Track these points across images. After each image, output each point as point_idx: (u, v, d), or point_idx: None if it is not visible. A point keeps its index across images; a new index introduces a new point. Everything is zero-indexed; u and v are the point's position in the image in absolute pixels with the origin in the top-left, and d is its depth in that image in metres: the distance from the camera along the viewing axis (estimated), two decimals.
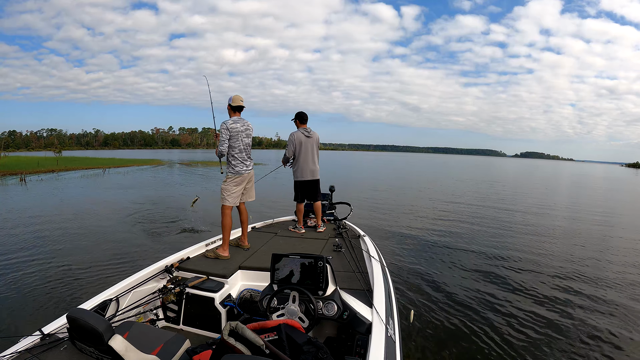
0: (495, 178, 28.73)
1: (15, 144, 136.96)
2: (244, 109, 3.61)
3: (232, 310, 2.59)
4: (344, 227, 4.30)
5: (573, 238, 8.13)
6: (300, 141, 4.36)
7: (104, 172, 24.06)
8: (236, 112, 3.58)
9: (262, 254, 3.35)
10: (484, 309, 4.15)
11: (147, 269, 2.67)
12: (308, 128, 4.44)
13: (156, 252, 5.77)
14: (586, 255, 6.62)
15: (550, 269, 5.67)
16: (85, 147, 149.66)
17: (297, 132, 4.38)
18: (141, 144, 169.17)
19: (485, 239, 7.65)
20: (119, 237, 7.03)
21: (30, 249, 6.13)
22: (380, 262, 2.96)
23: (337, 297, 2.03)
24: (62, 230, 7.55)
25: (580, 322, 3.87)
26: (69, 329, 1.64)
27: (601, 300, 4.47)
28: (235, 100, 3.54)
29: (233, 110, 3.56)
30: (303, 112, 4.47)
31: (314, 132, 4.44)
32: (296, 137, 4.35)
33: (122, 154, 70.50)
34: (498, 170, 42.99)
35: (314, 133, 4.44)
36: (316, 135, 4.47)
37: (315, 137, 4.47)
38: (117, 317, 2.22)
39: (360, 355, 1.81)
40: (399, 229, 8.44)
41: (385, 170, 36.66)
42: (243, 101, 3.59)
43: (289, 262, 2.06)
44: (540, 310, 4.14)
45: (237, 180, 3.52)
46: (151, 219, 8.85)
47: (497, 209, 12.09)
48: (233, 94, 3.60)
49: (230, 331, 1.37)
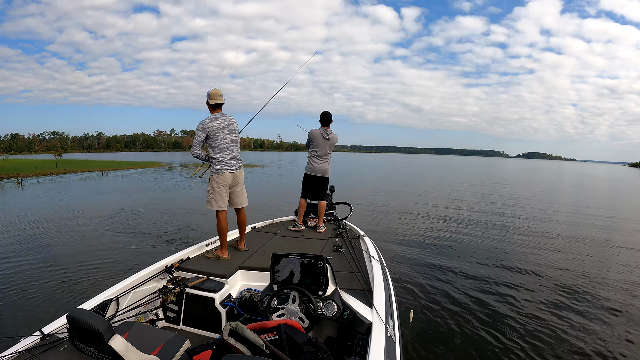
0: (498, 180, 28.53)
1: (18, 147, 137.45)
2: (222, 104, 3.31)
3: (232, 310, 2.59)
4: (344, 227, 4.30)
5: (576, 242, 8.08)
6: (317, 138, 4.50)
7: (102, 175, 24.03)
8: (216, 109, 3.30)
9: (262, 254, 3.35)
10: (484, 309, 4.14)
11: (147, 269, 2.68)
12: (329, 130, 4.55)
13: (156, 253, 5.77)
14: (590, 257, 6.59)
15: (551, 271, 5.64)
16: (88, 149, 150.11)
17: (316, 129, 4.54)
18: (143, 147, 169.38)
19: (486, 240, 7.63)
20: (118, 238, 7.05)
21: (30, 249, 6.15)
22: (380, 262, 2.96)
23: (337, 297, 2.03)
24: (59, 231, 7.56)
25: (581, 322, 3.85)
26: (69, 329, 1.64)
27: (603, 301, 4.45)
28: (212, 97, 3.25)
29: (212, 107, 3.29)
30: (327, 112, 4.56)
31: (334, 134, 4.56)
32: (314, 134, 4.51)
33: (123, 156, 70.67)
34: (501, 172, 42.65)
35: (333, 135, 4.55)
36: (335, 138, 4.58)
37: (333, 140, 4.58)
38: (117, 317, 2.22)
39: (360, 355, 1.81)
40: (400, 229, 8.43)
41: (388, 171, 36.61)
42: (222, 96, 3.29)
43: (289, 262, 2.06)
44: (540, 311, 4.12)
45: (218, 180, 3.25)
46: (147, 221, 8.85)
47: (499, 210, 12.06)
48: (211, 89, 3.28)
49: (230, 331, 1.36)
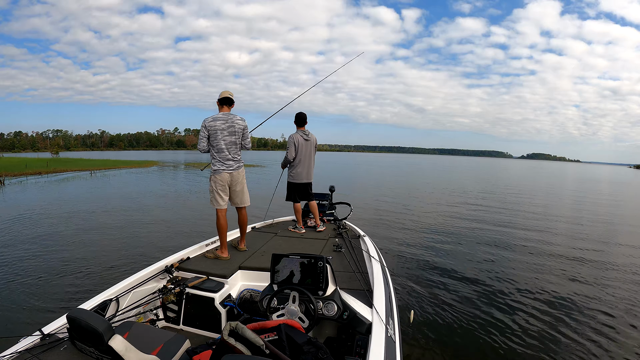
0: (509, 182, 27.87)
1: (21, 144, 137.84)
2: (233, 102, 3.38)
3: (232, 310, 2.59)
4: (344, 227, 4.29)
5: (579, 243, 8.05)
6: (300, 144, 4.34)
7: (92, 174, 23.81)
8: (223, 106, 3.34)
9: (262, 254, 3.34)
10: (484, 309, 4.13)
11: (147, 269, 2.68)
12: (306, 130, 4.41)
13: (156, 253, 5.77)
14: (593, 260, 6.55)
15: (552, 271, 5.63)
16: (91, 148, 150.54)
17: (296, 134, 4.35)
18: (146, 145, 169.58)
19: (487, 240, 7.62)
20: (117, 239, 7.06)
21: (28, 250, 6.17)
22: (380, 262, 2.95)
23: (337, 297, 2.02)
24: (45, 232, 7.58)
25: (581, 324, 3.84)
26: (69, 329, 1.64)
27: (604, 302, 4.44)
28: (220, 94, 3.35)
29: (220, 103, 3.34)
30: (302, 113, 4.40)
31: (312, 134, 4.42)
32: (296, 140, 4.31)
33: (126, 155, 70.82)
34: (508, 174, 42.09)
35: (312, 136, 4.42)
36: (314, 138, 4.45)
37: (313, 140, 4.44)
38: (117, 317, 2.22)
39: (360, 356, 1.80)
40: (400, 229, 8.42)
41: (389, 172, 36.55)
42: (232, 96, 3.34)
43: (289, 263, 2.05)
44: (540, 311, 4.11)
45: (216, 180, 3.31)
46: (139, 222, 8.87)
47: (500, 211, 12.04)
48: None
49: (230, 331, 1.37)
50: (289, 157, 4.38)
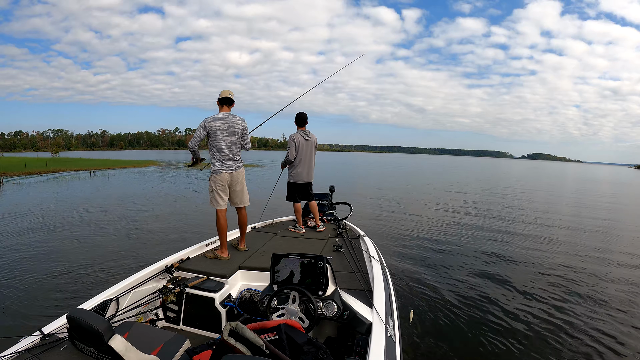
0: (509, 182, 27.91)
1: (22, 144, 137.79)
2: (233, 102, 3.35)
3: (232, 310, 2.59)
4: (344, 227, 4.29)
5: (580, 242, 8.05)
6: (301, 144, 4.34)
7: (91, 174, 23.83)
8: (224, 106, 3.32)
9: (262, 254, 3.34)
10: (484, 309, 4.13)
11: (147, 269, 2.68)
12: (307, 130, 4.42)
13: (156, 253, 5.77)
14: (594, 260, 6.56)
15: (553, 272, 5.62)
16: (92, 147, 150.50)
17: (297, 134, 4.36)
18: (147, 145, 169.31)
19: (487, 241, 7.61)
20: (117, 239, 7.07)
21: (28, 250, 6.18)
22: (380, 262, 2.95)
23: (337, 297, 2.02)
24: (47, 231, 7.59)
25: (582, 324, 3.84)
26: (69, 329, 1.64)
27: (603, 303, 4.44)
28: (220, 94, 3.32)
29: (220, 103, 3.32)
30: (302, 113, 4.41)
31: (313, 134, 4.43)
32: (297, 140, 4.32)
33: (127, 154, 70.82)
34: (509, 174, 41.98)
35: (312, 135, 4.43)
36: (314, 138, 4.46)
37: (314, 140, 4.45)
38: (117, 317, 2.22)
39: (360, 356, 1.80)
40: (400, 229, 8.42)
41: (390, 172, 36.54)
42: (232, 95, 3.31)
43: (289, 263, 2.05)
44: (540, 311, 4.11)
45: (216, 180, 3.30)
46: (138, 222, 8.87)
47: (501, 212, 12.03)
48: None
49: (230, 331, 1.37)
50: (289, 157, 4.38)
